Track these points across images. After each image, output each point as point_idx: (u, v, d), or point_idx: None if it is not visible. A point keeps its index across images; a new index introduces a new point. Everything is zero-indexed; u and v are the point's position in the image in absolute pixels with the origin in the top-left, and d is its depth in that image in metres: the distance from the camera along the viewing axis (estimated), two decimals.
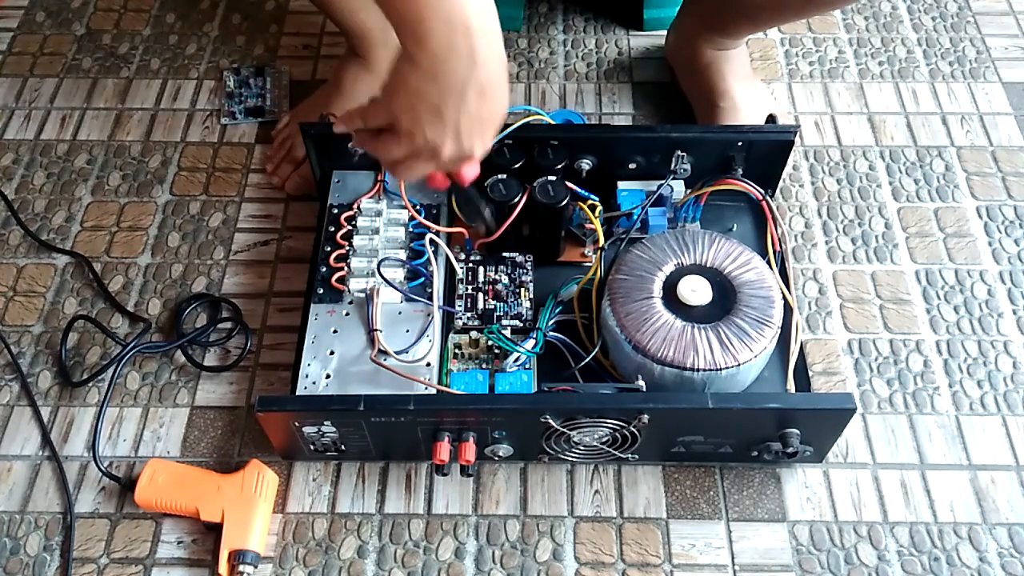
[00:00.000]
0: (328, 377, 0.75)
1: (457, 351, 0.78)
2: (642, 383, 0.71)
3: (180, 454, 0.79)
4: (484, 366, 0.77)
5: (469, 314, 0.80)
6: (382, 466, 0.78)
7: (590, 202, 0.82)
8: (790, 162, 0.92)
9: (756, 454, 0.74)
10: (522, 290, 0.81)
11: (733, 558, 0.73)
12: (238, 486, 0.74)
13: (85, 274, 0.90)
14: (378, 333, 0.76)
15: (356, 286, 0.79)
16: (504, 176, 0.79)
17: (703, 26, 0.95)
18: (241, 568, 0.71)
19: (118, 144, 1.00)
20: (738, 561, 0.73)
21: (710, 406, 0.67)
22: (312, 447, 0.74)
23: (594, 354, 0.75)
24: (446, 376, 0.76)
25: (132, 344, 0.82)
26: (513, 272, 0.82)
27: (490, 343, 0.77)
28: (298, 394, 0.74)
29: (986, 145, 0.99)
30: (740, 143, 0.82)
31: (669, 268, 0.75)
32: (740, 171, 0.83)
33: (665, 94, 1.04)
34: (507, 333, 0.77)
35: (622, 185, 0.84)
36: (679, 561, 0.73)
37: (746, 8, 0.89)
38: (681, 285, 0.74)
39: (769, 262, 0.79)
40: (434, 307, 0.77)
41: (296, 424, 0.70)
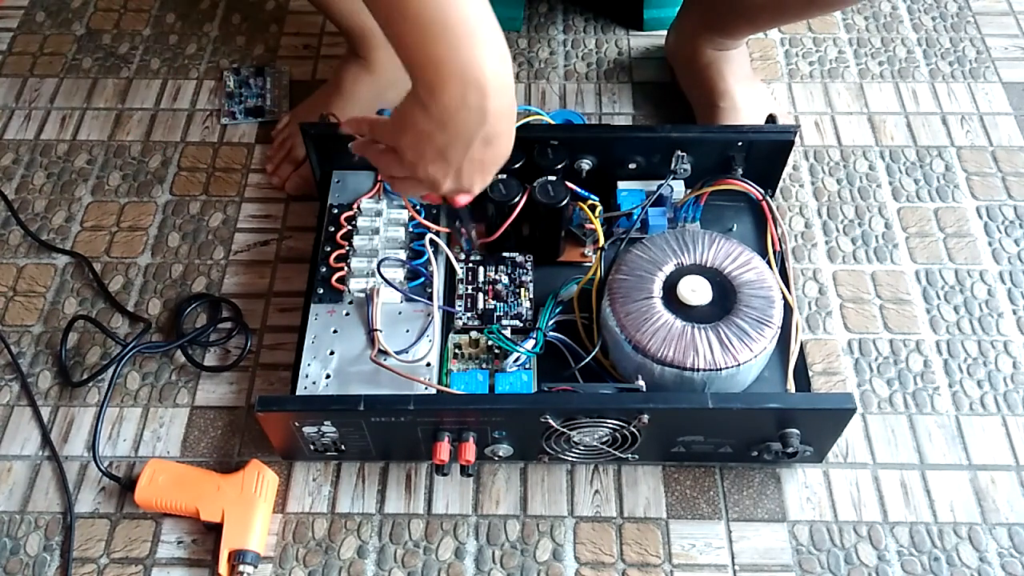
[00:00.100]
0: (328, 377, 0.75)
1: (457, 351, 0.78)
2: (642, 383, 0.71)
3: (180, 454, 0.79)
4: (484, 366, 0.77)
5: (469, 314, 0.80)
6: (382, 466, 0.78)
7: (590, 202, 0.82)
8: (790, 162, 0.92)
9: (756, 454, 0.74)
10: (522, 290, 0.81)
11: (733, 558, 0.73)
12: (238, 486, 0.74)
13: (85, 274, 0.90)
14: (378, 333, 0.76)
15: (356, 286, 0.79)
16: (504, 176, 0.79)
17: (703, 26, 0.95)
18: (241, 568, 0.71)
19: (118, 144, 1.00)
20: (738, 561, 0.73)
21: (710, 406, 0.67)
22: (312, 447, 0.74)
23: (594, 354, 0.75)
24: (446, 376, 0.76)
25: (132, 344, 0.82)
26: (513, 272, 0.82)
27: (490, 343, 0.77)
28: (298, 394, 0.74)
29: (986, 145, 0.99)
30: (740, 143, 0.82)
31: (669, 268, 0.75)
32: (740, 171, 0.83)
33: (665, 94, 1.04)
34: (507, 333, 0.77)
35: (622, 185, 0.84)
36: (679, 561, 0.73)
37: (746, 9, 0.89)
38: (681, 285, 0.74)
39: (769, 262, 0.79)
40: (434, 307, 0.77)
41: (296, 424, 0.70)
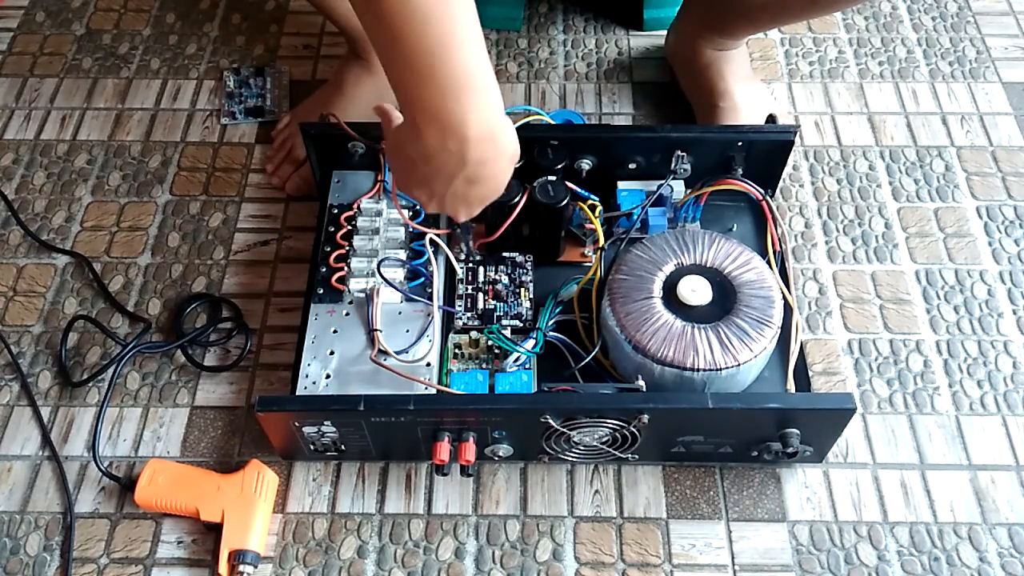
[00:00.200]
0: (328, 377, 0.75)
1: (457, 351, 0.78)
2: (642, 383, 0.71)
3: (180, 454, 0.79)
4: (484, 366, 0.77)
5: (469, 314, 0.80)
6: (382, 466, 0.78)
7: (590, 202, 0.82)
8: (790, 162, 0.92)
9: (756, 454, 0.74)
10: (522, 290, 0.81)
11: (733, 558, 0.73)
12: (238, 486, 0.74)
13: (85, 274, 0.90)
14: (378, 333, 0.76)
15: (356, 286, 0.79)
16: None
17: (703, 26, 0.95)
18: (241, 568, 0.71)
19: (118, 144, 1.00)
20: (738, 561, 0.73)
21: (710, 406, 0.67)
22: (312, 447, 0.74)
23: (594, 354, 0.75)
24: (446, 376, 0.76)
25: (132, 344, 0.82)
26: (513, 272, 0.82)
27: (490, 343, 0.77)
28: (298, 394, 0.74)
29: (986, 145, 0.99)
30: (740, 143, 0.82)
31: (669, 268, 0.75)
32: (740, 171, 0.83)
33: (665, 94, 1.04)
34: (507, 333, 0.77)
35: (622, 185, 0.84)
36: (679, 561, 0.73)
37: (746, 9, 0.89)
38: (681, 285, 0.74)
39: (769, 262, 0.79)
40: (434, 307, 0.77)
41: (296, 424, 0.70)
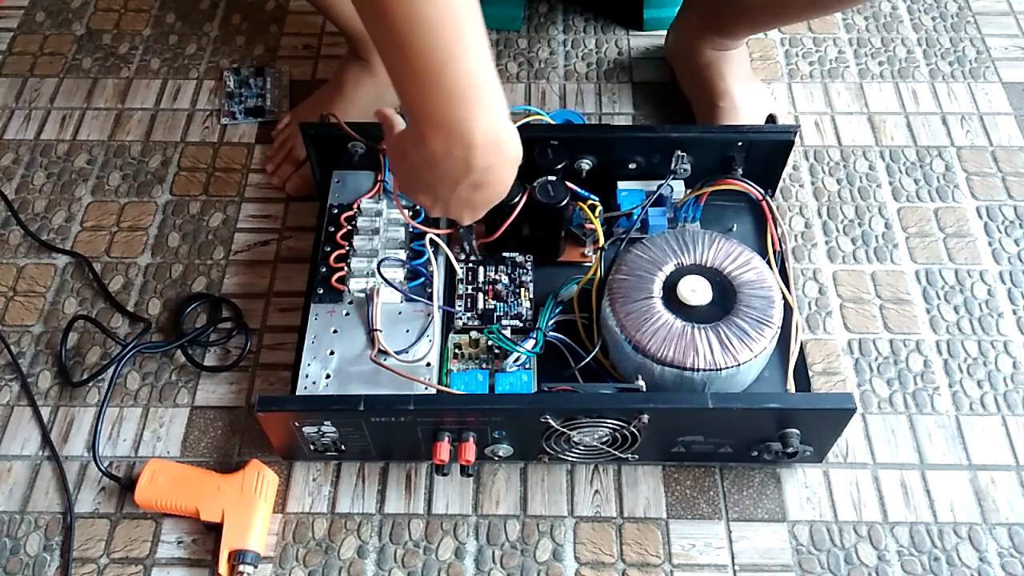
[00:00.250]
0: (328, 377, 0.75)
1: (457, 351, 0.78)
2: (642, 383, 0.71)
3: (180, 454, 0.79)
4: (484, 366, 0.77)
5: (469, 314, 0.80)
6: (382, 466, 0.78)
7: (590, 202, 0.82)
8: (790, 162, 0.92)
9: (756, 454, 0.74)
10: (522, 290, 0.81)
11: (733, 558, 0.73)
12: (238, 486, 0.74)
13: (85, 274, 0.90)
14: (378, 333, 0.76)
15: (356, 286, 0.79)
16: None
17: (703, 26, 0.95)
18: (241, 568, 0.71)
19: (118, 144, 1.00)
20: (738, 561, 0.73)
21: (710, 406, 0.67)
22: (312, 447, 0.74)
23: (594, 354, 0.75)
24: (446, 376, 0.76)
25: (132, 344, 0.82)
26: (513, 272, 0.82)
27: (490, 343, 0.77)
28: (298, 394, 0.74)
29: (986, 145, 0.99)
30: (740, 143, 0.82)
31: (669, 268, 0.75)
32: (740, 171, 0.83)
33: (665, 94, 1.04)
34: (507, 333, 0.77)
35: (622, 185, 0.84)
36: (679, 561, 0.73)
37: (746, 9, 0.89)
38: (681, 285, 0.74)
39: (769, 262, 0.79)
40: (434, 307, 0.77)
41: (296, 424, 0.70)
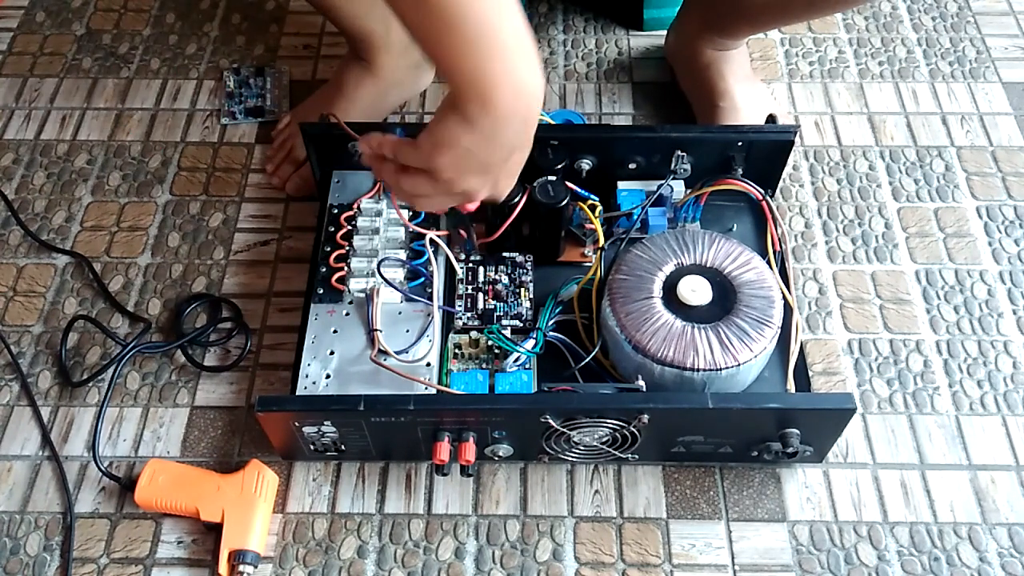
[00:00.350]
0: (328, 377, 0.75)
1: (457, 351, 0.78)
2: (642, 383, 0.71)
3: (180, 454, 0.79)
4: (484, 366, 0.77)
5: (469, 314, 0.80)
6: (382, 466, 0.78)
7: (590, 202, 0.82)
8: (790, 162, 0.92)
9: (756, 454, 0.74)
10: (522, 290, 0.81)
11: (733, 558, 0.73)
12: (238, 486, 0.74)
13: (85, 274, 0.90)
14: (378, 333, 0.76)
15: (356, 286, 0.79)
16: None
17: (703, 26, 0.95)
18: (241, 568, 0.71)
19: (118, 144, 1.00)
20: (738, 561, 0.73)
21: (710, 406, 0.67)
22: (312, 447, 0.74)
23: (594, 354, 0.75)
24: (446, 376, 0.76)
25: (132, 344, 0.82)
26: (513, 272, 0.82)
27: (490, 343, 0.77)
28: (298, 394, 0.74)
29: (986, 145, 0.99)
30: (740, 143, 0.82)
31: (669, 268, 0.75)
32: (740, 171, 0.83)
33: (665, 94, 1.04)
34: (507, 333, 0.77)
35: (622, 185, 0.84)
36: (679, 561, 0.73)
37: (747, 9, 0.89)
38: (681, 285, 0.74)
39: (769, 262, 0.79)
40: (434, 307, 0.77)
41: (296, 424, 0.70)
